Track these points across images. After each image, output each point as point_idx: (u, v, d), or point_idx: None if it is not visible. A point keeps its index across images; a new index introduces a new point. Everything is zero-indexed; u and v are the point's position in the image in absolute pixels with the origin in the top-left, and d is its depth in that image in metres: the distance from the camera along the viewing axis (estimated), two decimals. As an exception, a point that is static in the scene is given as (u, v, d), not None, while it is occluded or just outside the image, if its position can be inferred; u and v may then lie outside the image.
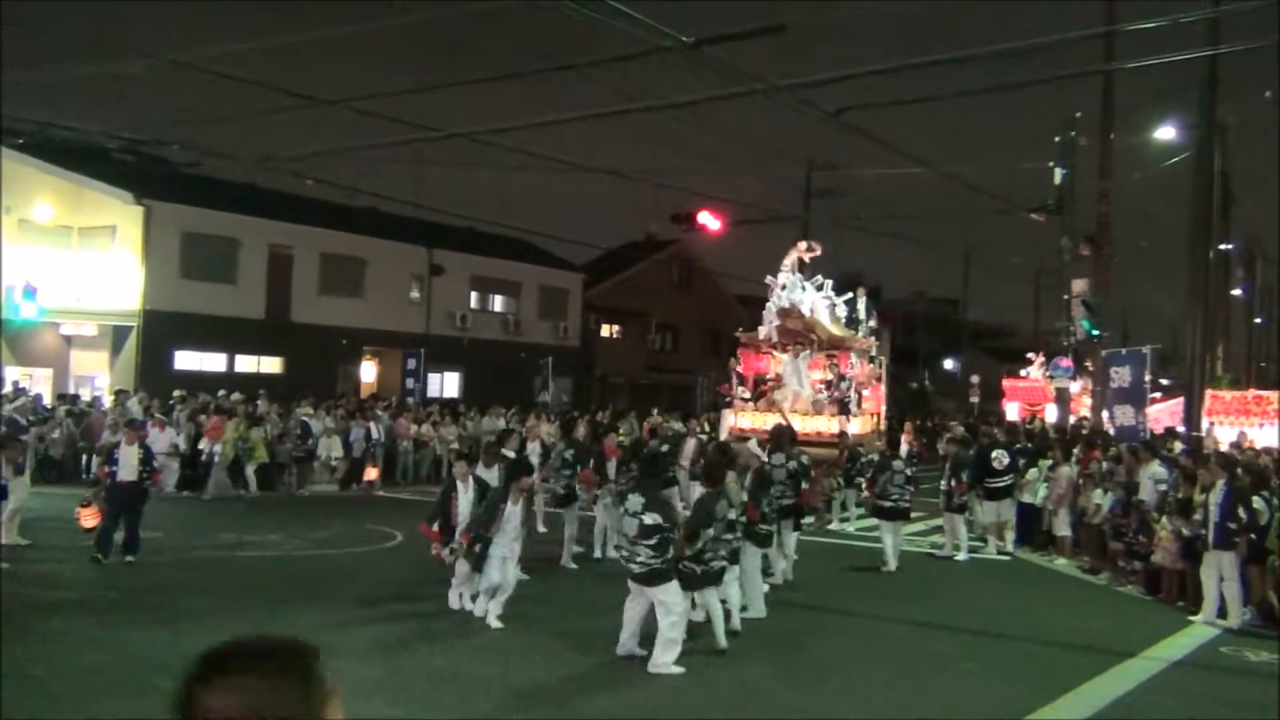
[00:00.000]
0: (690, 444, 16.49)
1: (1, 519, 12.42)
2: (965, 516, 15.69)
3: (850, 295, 20.13)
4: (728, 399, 19.99)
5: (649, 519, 8.41)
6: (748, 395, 19.64)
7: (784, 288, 19.33)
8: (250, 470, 19.38)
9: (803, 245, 20.64)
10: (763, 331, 19.98)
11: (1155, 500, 13.56)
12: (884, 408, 22.81)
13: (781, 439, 13.29)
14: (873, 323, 20.11)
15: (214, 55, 15.58)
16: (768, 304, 19.87)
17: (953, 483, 15.42)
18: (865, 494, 16.10)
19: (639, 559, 8.40)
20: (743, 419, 18.92)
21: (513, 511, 9.63)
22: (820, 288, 19.79)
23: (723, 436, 18.19)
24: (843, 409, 18.67)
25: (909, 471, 14.77)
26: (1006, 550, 15.94)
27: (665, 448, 16.34)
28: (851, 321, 20.42)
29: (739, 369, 20.06)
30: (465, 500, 10.10)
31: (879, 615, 10.98)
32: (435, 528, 10.17)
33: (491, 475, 10.87)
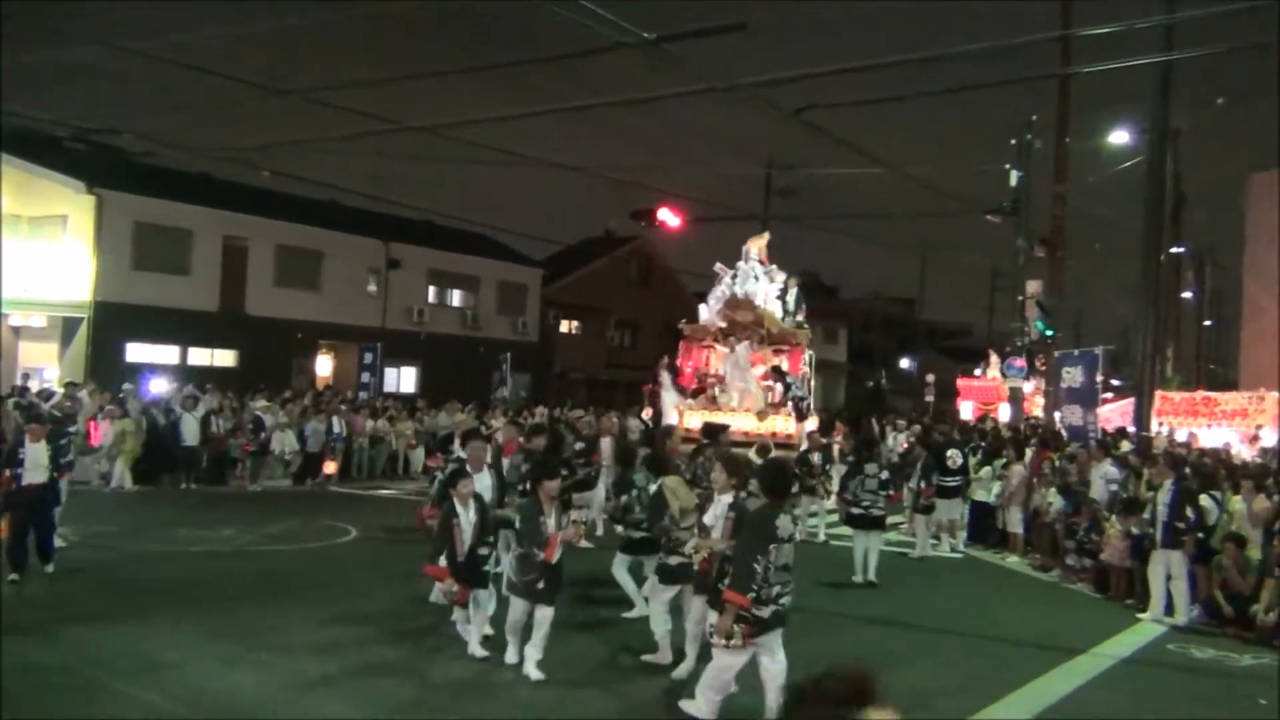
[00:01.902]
0: (606, 443, 16.17)
1: None
2: (925, 517, 15.78)
3: (784, 286, 18.54)
4: (653, 393, 18.42)
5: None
6: (686, 391, 17.94)
7: (735, 276, 18.01)
8: (120, 465, 18.62)
9: (766, 237, 19.62)
10: (704, 317, 18.47)
11: (1107, 499, 13.79)
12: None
13: (714, 436, 12.69)
14: (800, 316, 18.48)
15: (169, 43, 15.36)
16: (713, 293, 18.52)
17: (921, 484, 15.51)
18: (836, 500, 15.43)
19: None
20: (689, 419, 17.13)
21: (546, 524, 8.05)
22: (773, 279, 18.52)
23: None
24: (799, 411, 17.41)
25: (883, 476, 13.67)
26: (959, 548, 16.12)
27: (580, 445, 15.85)
28: (783, 312, 18.85)
29: (678, 361, 18.48)
30: (469, 524, 8.41)
31: (835, 612, 11.04)
32: (443, 563, 8.32)
33: (482, 482, 9.23)
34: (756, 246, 18.77)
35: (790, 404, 17.02)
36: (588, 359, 43.07)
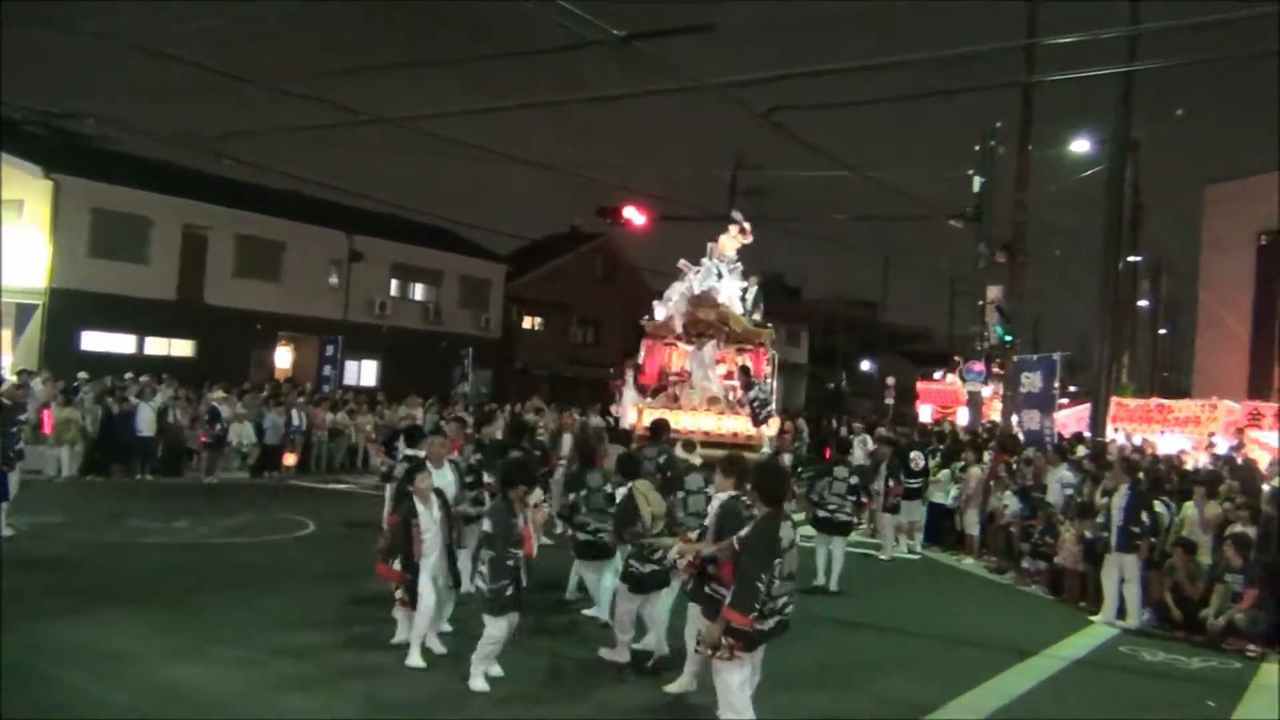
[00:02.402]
0: (566, 439, 15.87)
1: None
2: (893, 518, 15.82)
3: (744, 284, 17.84)
4: (616, 394, 17.72)
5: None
6: (646, 390, 17.36)
7: (697, 272, 17.37)
8: (64, 453, 18.33)
9: (734, 229, 18.94)
10: (661, 315, 17.83)
11: (1062, 503, 13.96)
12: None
13: (660, 434, 12.08)
14: (757, 315, 17.73)
15: (131, 27, 15.15)
16: (674, 289, 17.85)
17: (889, 484, 15.59)
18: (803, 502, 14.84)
19: None
20: (648, 418, 15.88)
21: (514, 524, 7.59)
22: (735, 274, 17.75)
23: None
24: (754, 414, 16.67)
25: (852, 481, 13.07)
26: (916, 549, 16.26)
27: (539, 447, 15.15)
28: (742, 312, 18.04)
29: (641, 359, 17.83)
30: (431, 522, 8.02)
31: (794, 614, 11.09)
32: (396, 566, 7.98)
33: (444, 478, 8.85)
34: (732, 241, 18.13)
35: (749, 406, 16.64)
36: (550, 356, 42.99)
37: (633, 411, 16.51)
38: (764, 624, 6.14)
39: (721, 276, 17.23)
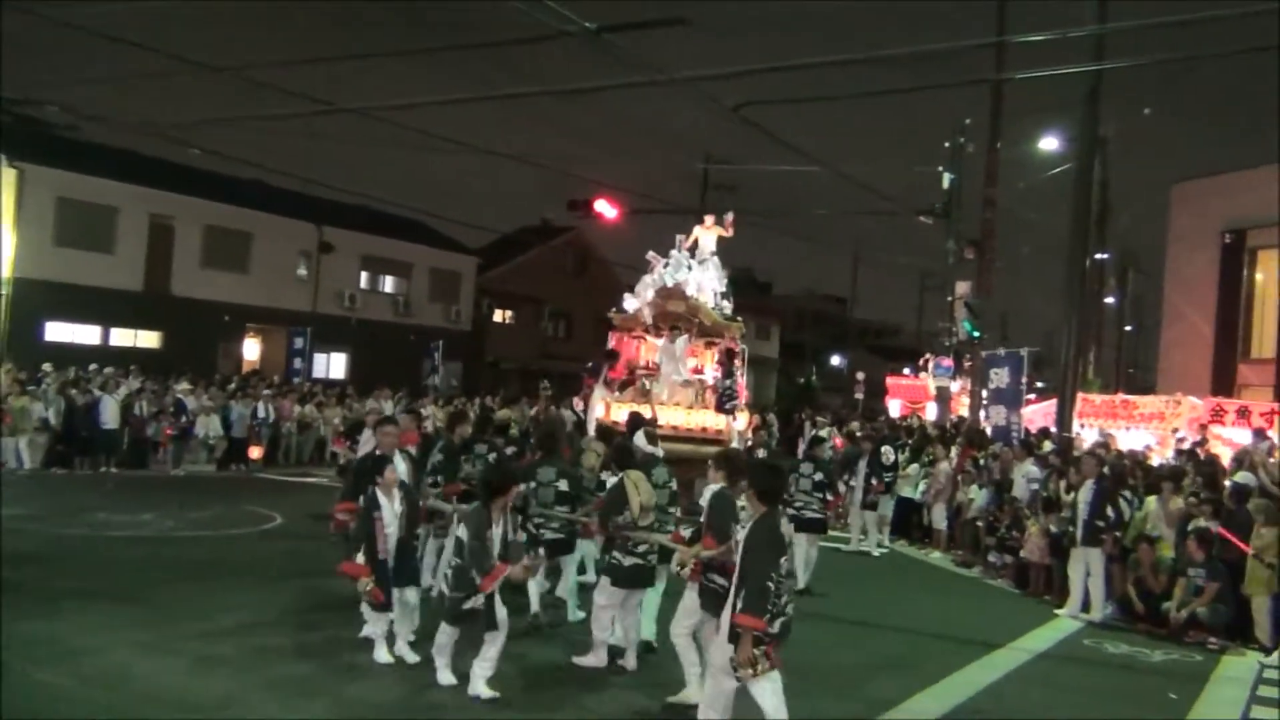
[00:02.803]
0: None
1: None
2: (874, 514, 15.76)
3: (724, 273, 17.63)
4: (587, 391, 16.98)
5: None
6: (614, 384, 16.96)
7: (666, 264, 17.10)
8: (21, 443, 18.14)
9: (710, 219, 18.02)
10: (630, 307, 17.43)
11: (1028, 498, 14.09)
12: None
13: (637, 428, 11.28)
14: (728, 307, 17.47)
15: (97, 12, 14.96)
16: (643, 281, 17.50)
17: (871, 480, 15.50)
18: None
19: None
20: (616, 412, 15.82)
21: (494, 535, 7.15)
22: (705, 265, 17.42)
23: (591, 432, 14.83)
24: (722, 403, 16.42)
25: (817, 478, 12.58)
26: (884, 544, 16.34)
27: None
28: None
29: (616, 357, 17.34)
30: (393, 516, 7.73)
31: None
32: (361, 560, 7.63)
33: (397, 468, 8.34)
34: (709, 234, 17.64)
35: (718, 393, 16.42)
36: (521, 349, 42.91)
37: (600, 406, 16.19)
38: (774, 626, 5.88)
39: (691, 269, 17.02)
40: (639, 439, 9.84)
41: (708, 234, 17.76)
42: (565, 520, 9.36)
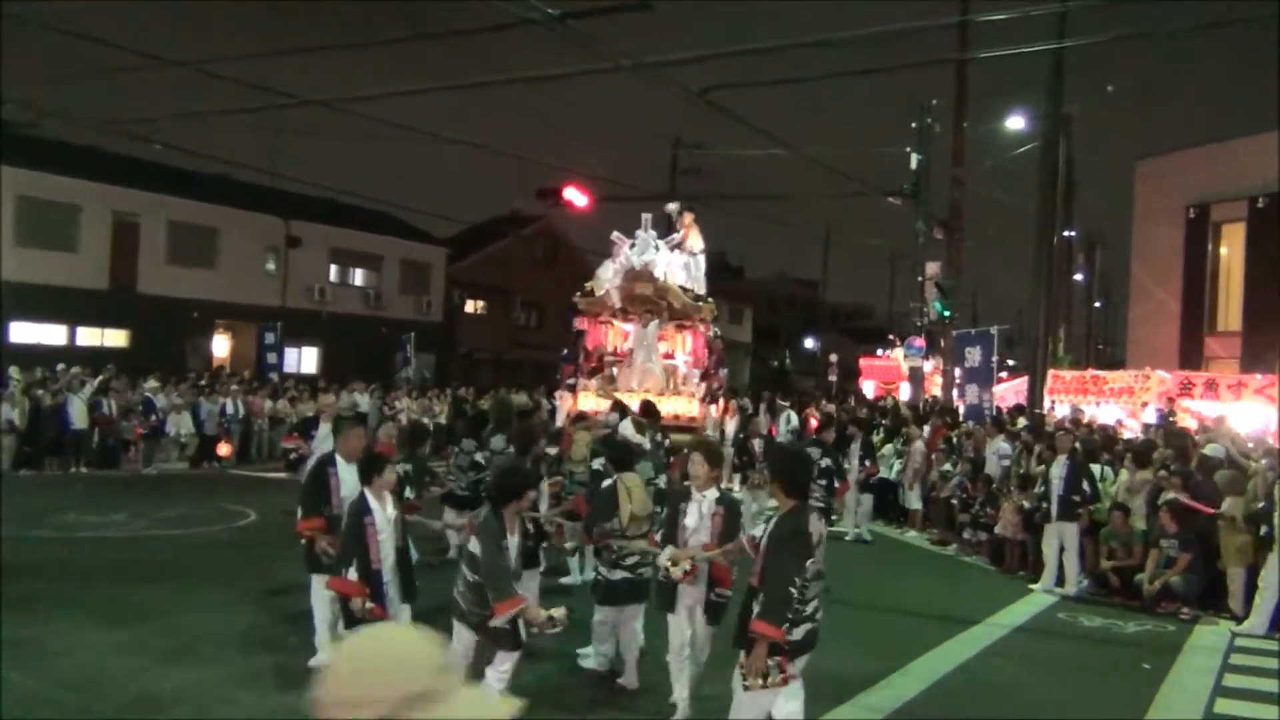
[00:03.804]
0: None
1: None
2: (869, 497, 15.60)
3: (687, 260, 16.97)
4: (571, 381, 16.67)
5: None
6: (583, 370, 16.68)
7: (633, 246, 16.43)
8: None
9: (673, 207, 17.81)
10: (599, 290, 16.83)
11: (1000, 474, 14.20)
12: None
13: (652, 417, 11.37)
14: (701, 289, 16.92)
15: (55, 9, 14.75)
16: (608, 264, 16.92)
17: (866, 463, 15.27)
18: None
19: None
20: (584, 400, 15.74)
21: (512, 544, 6.30)
22: (675, 248, 16.83)
23: (560, 422, 15.30)
24: (710, 392, 16.39)
25: (824, 463, 12.22)
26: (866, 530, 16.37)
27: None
28: (681, 286, 16.95)
29: (585, 344, 16.97)
30: (385, 521, 6.66)
31: (741, 588, 11.16)
32: (352, 575, 6.44)
33: (353, 474, 7.23)
34: (679, 217, 17.27)
35: (707, 388, 16.07)
36: (493, 339, 42.77)
37: (567, 394, 16.02)
38: (795, 633, 5.30)
39: (659, 249, 16.46)
40: (625, 427, 9.50)
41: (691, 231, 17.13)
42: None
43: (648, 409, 11.54)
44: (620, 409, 11.81)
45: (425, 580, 7.42)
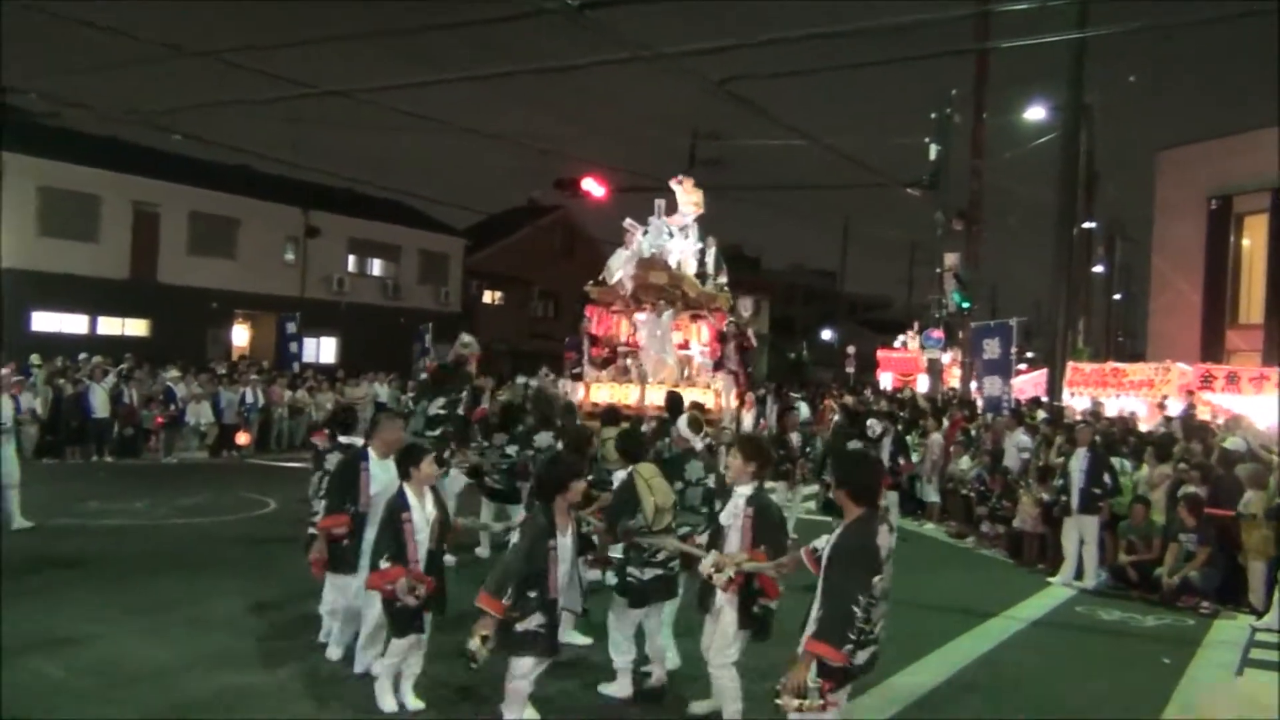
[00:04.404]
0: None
1: None
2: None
3: (701, 245, 16.21)
4: (576, 369, 16.34)
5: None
6: (595, 360, 16.12)
7: (645, 232, 15.89)
8: None
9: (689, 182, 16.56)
10: (610, 280, 16.29)
11: (1019, 467, 14.14)
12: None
13: (676, 409, 10.56)
14: (722, 278, 16.32)
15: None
16: (619, 254, 16.40)
17: (900, 461, 14.76)
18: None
19: None
20: (597, 392, 15.30)
21: (563, 545, 5.86)
22: (688, 235, 16.20)
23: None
24: (739, 383, 15.63)
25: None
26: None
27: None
28: (701, 276, 16.39)
29: (591, 330, 16.43)
30: (424, 520, 6.29)
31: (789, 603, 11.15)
32: (388, 565, 6.10)
33: (388, 472, 6.87)
34: (688, 197, 16.22)
35: (736, 381, 15.63)
36: (511, 329, 42.85)
37: (580, 386, 15.52)
38: (858, 657, 4.83)
39: (673, 235, 15.89)
40: (681, 425, 9.01)
41: (686, 197, 16.29)
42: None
43: (674, 400, 11.09)
44: (673, 404, 10.86)
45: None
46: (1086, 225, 29.92)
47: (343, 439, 8.28)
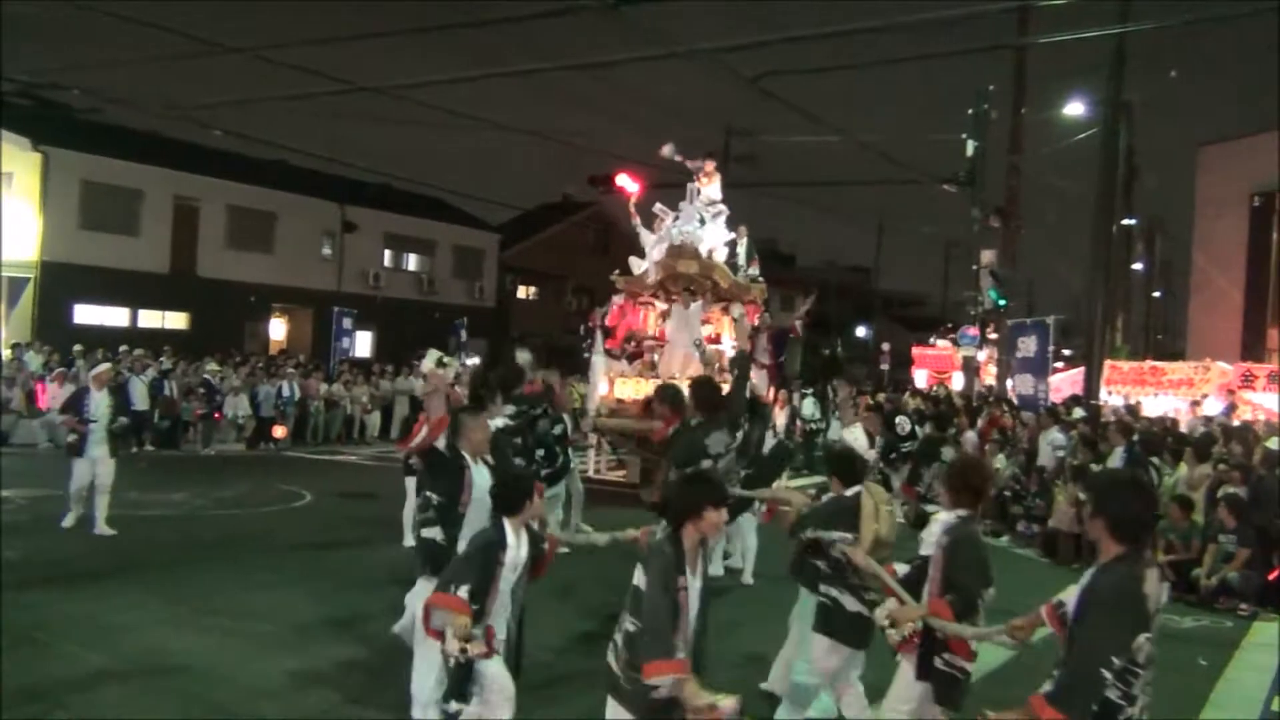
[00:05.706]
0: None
1: None
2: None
3: (732, 236, 15.67)
4: (585, 355, 15.89)
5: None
6: (619, 355, 15.52)
7: (676, 218, 15.26)
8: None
9: (711, 164, 16.02)
10: (636, 269, 15.91)
11: (1053, 465, 14.03)
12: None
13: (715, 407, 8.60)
14: (754, 269, 15.92)
15: (117, -3, 15.00)
16: (650, 240, 15.82)
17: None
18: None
19: None
20: (622, 388, 14.80)
21: (693, 588, 4.35)
22: (718, 217, 15.54)
23: (593, 406, 14.85)
24: (776, 376, 15.47)
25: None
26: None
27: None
28: (732, 266, 15.91)
29: (604, 323, 15.78)
30: (515, 563, 5.09)
31: (774, 576, 11.14)
32: (462, 594, 4.81)
33: (480, 476, 5.94)
34: (708, 180, 15.73)
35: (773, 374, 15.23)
36: (545, 324, 42.98)
37: (604, 381, 15.01)
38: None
39: (704, 222, 15.25)
40: (850, 435, 7.77)
41: (706, 179, 15.71)
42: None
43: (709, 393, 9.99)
44: (706, 390, 8.63)
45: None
46: (1126, 221, 29.59)
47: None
